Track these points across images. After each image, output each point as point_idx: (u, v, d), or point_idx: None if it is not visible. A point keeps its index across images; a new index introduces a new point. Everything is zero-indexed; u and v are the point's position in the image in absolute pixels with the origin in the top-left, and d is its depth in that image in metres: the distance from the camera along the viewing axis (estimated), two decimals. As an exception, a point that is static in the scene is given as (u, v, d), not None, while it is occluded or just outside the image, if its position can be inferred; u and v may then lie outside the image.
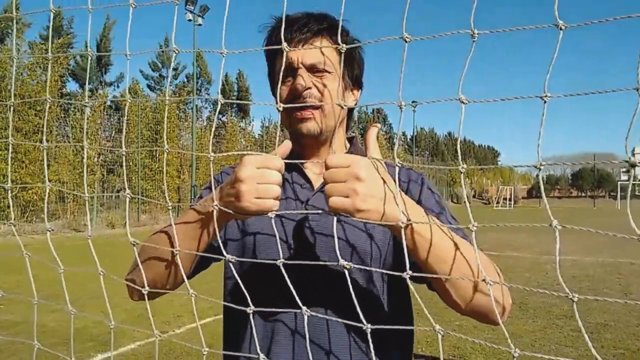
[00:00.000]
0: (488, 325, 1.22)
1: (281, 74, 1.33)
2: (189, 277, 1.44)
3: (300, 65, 1.54)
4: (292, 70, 1.55)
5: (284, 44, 1.25)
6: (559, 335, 7.04)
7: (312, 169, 1.69)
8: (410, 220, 1.15)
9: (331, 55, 1.57)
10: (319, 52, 1.55)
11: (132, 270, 1.50)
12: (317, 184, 1.63)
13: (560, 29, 0.87)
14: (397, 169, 1.11)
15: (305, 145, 1.65)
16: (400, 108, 1.07)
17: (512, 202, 62.73)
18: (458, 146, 1.02)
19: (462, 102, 0.98)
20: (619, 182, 66.71)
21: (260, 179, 1.19)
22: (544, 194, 1.02)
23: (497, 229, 23.14)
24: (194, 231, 1.34)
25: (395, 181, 1.14)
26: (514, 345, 0.97)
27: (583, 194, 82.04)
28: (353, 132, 1.80)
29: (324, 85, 1.55)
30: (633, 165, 0.85)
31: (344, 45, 1.17)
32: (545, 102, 0.89)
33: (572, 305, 0.84)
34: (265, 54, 1.69)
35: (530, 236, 20.52)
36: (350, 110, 1.75)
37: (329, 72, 1.56)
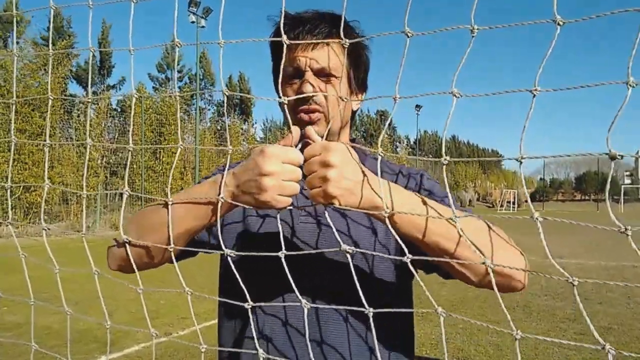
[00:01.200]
0: (492, 327, 1.20)
1: (281, 67, 1.33)
2: (177, 258, 1.43)
3: (308, 69, 1.52)
4: (299, 73, 1.54)
5: (284, 37, 1.26)
6: (563, 339, 6.99)
7: None
8: (394, 204, 1.16)
9: (339, 60, 1.55)
10: (328, 56, 1.53)
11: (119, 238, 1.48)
12: None
13: (558, 24, 0.87)
14: (379, 158, 1.15)
15: None
16: (395, 100, 1.08)
17: (516, 206, 62.70)
18: (444, 140, 1.03)
19: (455, 96, 1.01)
20: (622, 186, 66.68)
21: (285, 175, 1.17)
22: (524, 182, 1.02)
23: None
24: (197, 211, 1.32)
25: (378, 172, 1.15)
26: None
27: (587, 198, 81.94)
28: (355, 135, 1.80)
29: (331, 90, 1.54)
30: (613, 158, 0.85)
31: (347, 40, 1.16)
32: (534, 95, 0.90)
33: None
34: (271, 49, 1.68)
35: (534, 238, 20.48)
36: (354, 113, 1.74)
37: (336, 77, 1.55)
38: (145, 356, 6.40)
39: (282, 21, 1.29)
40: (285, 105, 1.57)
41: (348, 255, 1.13)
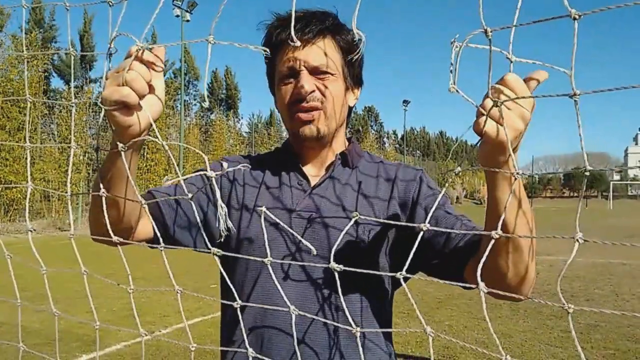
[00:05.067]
0: (478, 325, 1.11)
1: (275, 68, 1.27)
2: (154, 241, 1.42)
3: (303, 68, 1.51)
4: (294, 72, 1.53)
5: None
6: (549, 336, 7.04)
7: (310, 167, 1.67)
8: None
9: (334, 57, 1.55)
10: (322, 53, 1.53)
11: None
12: (314, 181, 1.63)
13: (574, 18, 0.80)
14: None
15: (307, 147, 1.64)
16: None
17: (504, 202, 62.99)
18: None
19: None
20: (611, 182, 67.00)
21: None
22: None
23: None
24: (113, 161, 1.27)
25: None
26: (504, 346, 0.89)
27: (575, 194, 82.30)
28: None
29: (327, 88, 1.53)
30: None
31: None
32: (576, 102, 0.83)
33: (560, 308, 0.76)
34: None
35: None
36: (350, 109, 1.72)
37: (332, 74, 1.54)
38: (127, 355, 6.34)
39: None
40: (280, 107, 1.60)
41: (337, 266, 1.06)
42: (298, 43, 1.29)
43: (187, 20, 31.18)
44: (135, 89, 1.10)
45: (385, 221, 1.44)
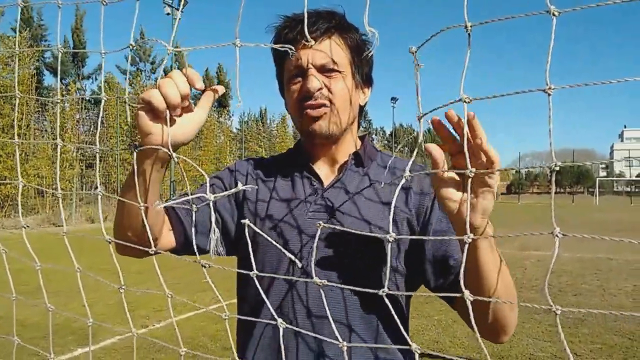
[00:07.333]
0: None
1: (284, 70, 1.33)
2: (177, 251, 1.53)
3: (311, 66, 1.52)
4: (302, 71, 1.54)
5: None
6: (537, 330, 7.07)
7: (322, 167, 1.67)
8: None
9: (341, 55, 1.55)
10: (329, 51, 1.52)
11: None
12: (326, 181, 1.63)
13: (553, 14, 0.82)
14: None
15: (317, 145, 1.64)
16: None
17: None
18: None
19: (465, 102, 0.96)
20: (597, 179, 66.96)
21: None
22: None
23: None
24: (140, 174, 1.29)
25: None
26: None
27: (562, 190, 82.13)
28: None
29: (335, 86, 1.54)
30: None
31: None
32: (549, 95, 0.85)
33: (550, 307, 0.85)
34: (272, 54, 1.67)
35: (509, 231, 20.51)
36: (361, 109, 1.72)
37: (340, 72, 1.54)
38: (122, 349, 6.37)
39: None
40: (290, 107, 1.60)
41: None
42: (312, 42, 1.33)
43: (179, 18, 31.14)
44: (164, 92, 1.14)
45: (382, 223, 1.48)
